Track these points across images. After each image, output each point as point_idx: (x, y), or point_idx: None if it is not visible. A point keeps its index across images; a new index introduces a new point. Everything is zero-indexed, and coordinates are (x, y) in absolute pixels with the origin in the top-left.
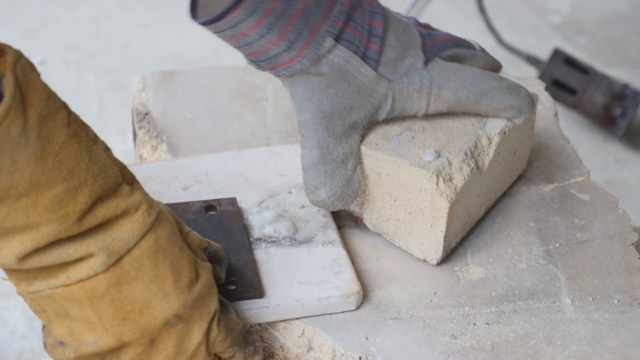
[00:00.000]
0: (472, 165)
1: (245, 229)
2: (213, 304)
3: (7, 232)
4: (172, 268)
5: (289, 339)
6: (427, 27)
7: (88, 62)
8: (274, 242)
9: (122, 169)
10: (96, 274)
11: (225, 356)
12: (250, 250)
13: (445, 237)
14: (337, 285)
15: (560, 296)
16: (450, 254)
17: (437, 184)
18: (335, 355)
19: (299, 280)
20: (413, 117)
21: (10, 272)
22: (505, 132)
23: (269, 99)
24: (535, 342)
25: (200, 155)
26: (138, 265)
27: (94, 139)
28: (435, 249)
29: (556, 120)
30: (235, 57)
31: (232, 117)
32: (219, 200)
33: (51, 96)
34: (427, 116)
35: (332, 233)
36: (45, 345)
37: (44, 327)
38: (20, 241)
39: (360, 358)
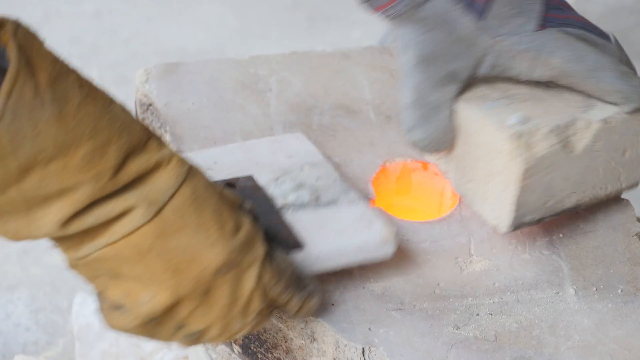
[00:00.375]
0: (560, 141)
1: (270, 197)
2: (261, 248)
3: (44, 199)
4: (214, 216)
5: (292, 330)
6: (564, 4)
7: (91, 56)
8: (299, 206)
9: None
10: (140, 227)
11: (282, 302)
12: (279, 212)
13: (517, 206)
14: (373, 234)
15: (563, 286)
16: (454, 245)
17: (515, 146)
18: (339, 346)
19: (334, 232)
20: (516, 86)
21: (57, 241)
22: (609, 122)
23: (272, 91)
24: (538, 332)
25: (204, 149)
26: (180, 214)
27: (110, 99)
28: (506, 216)
29: None
30: (238, 50)
31: (236, 109)
32: (236, 178)
33: (58, 60)
34: (532, 87)
35: (355, 194)
36: (101, 310)
37: (98, 294)
38: (59, 207)
39: (363, 349)
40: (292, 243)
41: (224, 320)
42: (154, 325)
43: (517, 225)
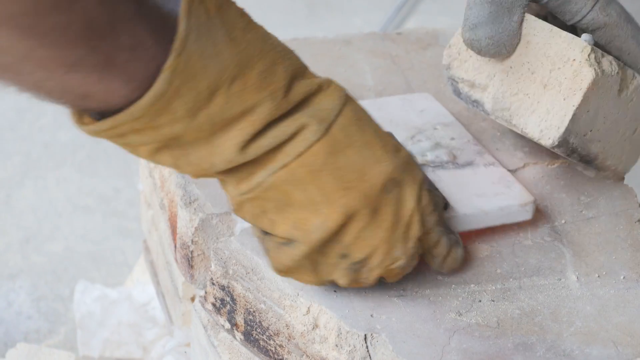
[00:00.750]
0: (617, 73)
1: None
2: (419, 171)
3: (227, 123)
4: (376, 135)
5: (294, 317)
6: None
7: None
8: (437, 166)
9: None
10: (312, 145)
11: (432, 240)
12: (420, 168)
13: (574, 117)
14: (513, 196)
15: (566, 273)
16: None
17: (589, 55)
18: (341, 333)
19: (475, 193)
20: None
21: (230, 175)
22: None
23: None
24: (540, 319)
25: None
26: (347, 132)
27: (265, 30)
28: (557, 127)
29: None
30: None
31: None
32: None
33: None
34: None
35: (490, 157)
36: (267, 252)
37: (264, 234)
38: (240, 129)
39: (365, 335)
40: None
41: (387, 244)
42: (319, 255)
43: (562, 141)
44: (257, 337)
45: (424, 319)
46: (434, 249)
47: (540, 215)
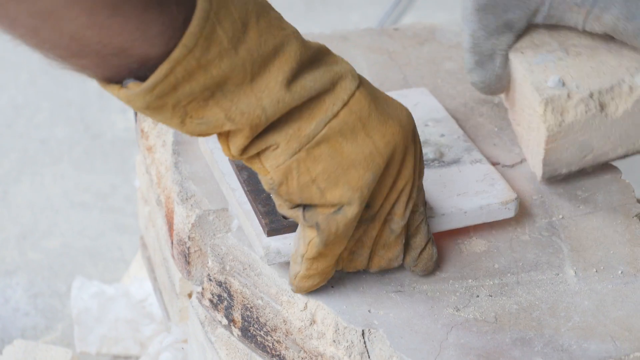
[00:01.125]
0: (597, 105)
1: None
2: (419, 143)
3: (265, 60)
4: (389, 98)
5: (292, 312)
6: None
7: None
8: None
9: None
10: (353, 93)
11: (416, 221)
12: None
13: (545, 162)
14: (495, 194)
15: (563, 268)
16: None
17: (544, 111)
18: (338, 329)
19: (456, 192)
20: (578, 36)
21: (280, 132)
22: None
23: None
24: (538, 314)
25: None
26: (371, 86)
27: None
28: (538, 167)
29: None
30: None
31: None
32: None
33: None
34: (594, 37)
35: (477, 154)
36: (317, 226)
37: (305, 209)
38: (278, 67)
39: (363, 331)
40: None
41: (410, 194)
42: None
43: (553, 176)
44: (254, 333)
45: (422, 315)
46: (413, 238)
47: (537, 210)
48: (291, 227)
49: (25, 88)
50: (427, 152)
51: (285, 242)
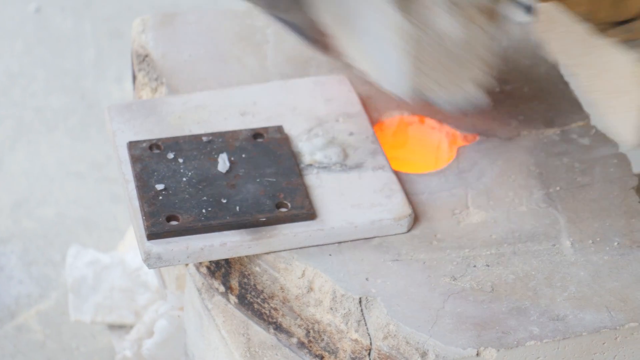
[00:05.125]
0: None
1: (294, 155)
2: None
3: None
4: None
5: (289, 280)
6: None
7: (85, 9)
8: (324, 167)
9: None
10: None
11: None
12: (299, 175)
13: None
14: (390, 208)
15: (560, 239)
16: (451, 198)
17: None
18: (336, 296)
19: (351, 203)
20: None
21: None
22: None
23: (269, 42)
24: (534, 284)
25: (247, 85)
26: None
27: None
28: (628, 133)
29: (557, 65)
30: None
31: (232, 60)
32: (265, 128)
33: None
34: None
35: (382, 159)
36: None
37: None
38: None
39: (360, 299)
40: (306, 212)
41: None
42: None
43: None
44: (251, 300)
45: (419, 283)
46: None
47: (535, 182)
48: (173, 231)
49: (21, 57)
50: (331, 153)
51: (167, 248)
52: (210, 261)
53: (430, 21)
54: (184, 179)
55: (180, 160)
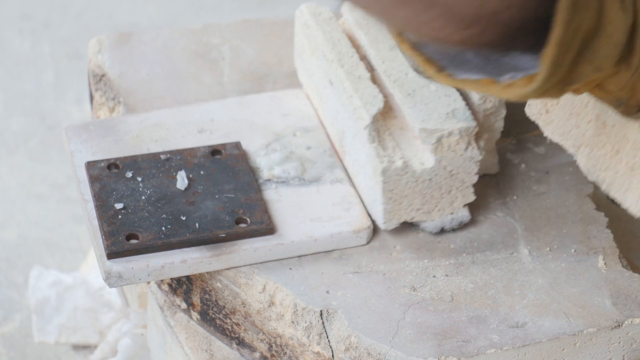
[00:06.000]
0: None
1: (253, 171)
2: None
3: None
4: None
5: (250, 295)
6: None
7: (43, 31)
8: (283, 182)
9: None
10: None
11: None
12: (258, 190)
13: None
14: (349, 221)
15: (518, 247)
16: None
17: None
18: (297, 310)
19: (310, 217)
20: None
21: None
22: None
23: (225, 59)
24: (493, 292)
25: (204, 102)
26: None
27: None
28: None
29: None
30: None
31: (189, 78)
32: (223, 145)
33: None
34: None
35: (340, 172)
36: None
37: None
38: None
39: (321, 312)
40: (265, 227)
41: None
42: None
43: None
44: (213, 316)
45: (379, 295)
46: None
47: (492, 191)
48: (133, 249)
49: None
50: (290, 168)
51: (127, 266)
52: (171, 278)
53: (408, 157)
54: (143, 197)
55: (139, 179)
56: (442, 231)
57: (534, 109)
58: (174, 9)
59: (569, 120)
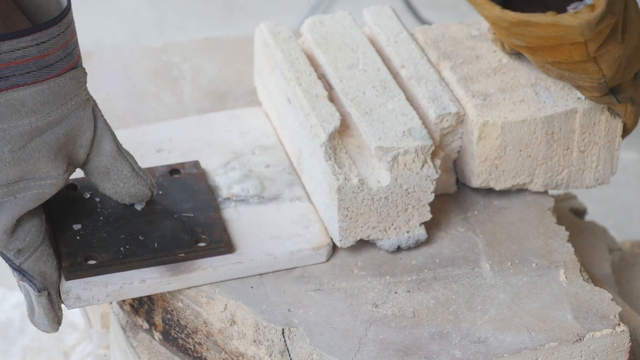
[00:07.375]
0: None
1: (211, 190)
2: None
3: None
4: None
5: (212, 314)
6: None
7: None
8: (242, 200)
9: None
10: None
11: None
12: (217, 209)
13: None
14: (308, 239)
15: (479, 262)
16: None
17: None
18: (258, 328)
19: (269, 235)
20: None
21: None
22: None
23: (186, 78)
24: (455, 308)
25: (162, 122)
26: None
27: None
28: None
29: None
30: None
31: (150, 97)
32: (182, 164)
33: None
34: None
35: (299, 189)
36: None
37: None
38: None
39: (283, 330)
40: (224, 245)
41: None
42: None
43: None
44: (175, 335)
45: (341, 312)
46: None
47: (452, 206)
48: (91, 270)
49: None
50: (249, 186)
51: (86, 287)
52: (133, 298)
53: (364, 175)
54: (101, 218)
55: (97, 200)
56: (398, 249)
57: (481, 179)
58: (137, 27)
59: (520, 156)
